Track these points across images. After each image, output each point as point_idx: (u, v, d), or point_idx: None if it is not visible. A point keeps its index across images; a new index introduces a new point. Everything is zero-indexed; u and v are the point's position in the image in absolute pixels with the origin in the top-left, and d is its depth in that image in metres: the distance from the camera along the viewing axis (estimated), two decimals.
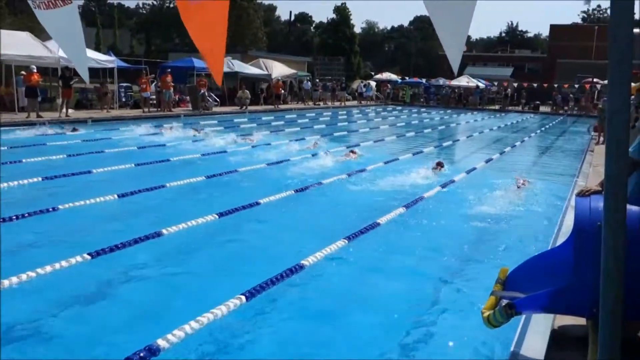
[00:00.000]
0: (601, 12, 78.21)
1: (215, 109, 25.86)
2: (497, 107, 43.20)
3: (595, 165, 11.95)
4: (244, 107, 27.21)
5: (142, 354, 3.47)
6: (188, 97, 26.32)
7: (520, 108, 42.31)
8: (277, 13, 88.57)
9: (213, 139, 15.61)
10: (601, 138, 17.70)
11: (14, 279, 4.59)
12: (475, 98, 43.42)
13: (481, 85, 45.19)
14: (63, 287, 4.92)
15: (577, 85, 41.83)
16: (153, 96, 24.25)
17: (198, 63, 26.99)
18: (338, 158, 12.76)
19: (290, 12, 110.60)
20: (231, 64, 28.44)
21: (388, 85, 45.94)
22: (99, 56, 23.34)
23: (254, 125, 20.60)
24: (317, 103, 35.28)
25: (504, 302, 3.36)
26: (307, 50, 65.91)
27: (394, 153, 14.44)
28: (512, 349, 3.57)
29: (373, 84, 43.66)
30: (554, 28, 61.16)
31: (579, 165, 13.06)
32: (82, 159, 11.36)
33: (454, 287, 5.45)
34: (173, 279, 5.48)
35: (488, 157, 14.52)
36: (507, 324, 3.36)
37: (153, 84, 24.69)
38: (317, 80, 39.56)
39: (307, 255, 5.54)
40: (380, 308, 4.93)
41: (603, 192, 2.15)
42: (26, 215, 6.60)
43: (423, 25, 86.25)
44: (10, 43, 17.76)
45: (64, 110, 19.37)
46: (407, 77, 51.71)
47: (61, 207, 7.05)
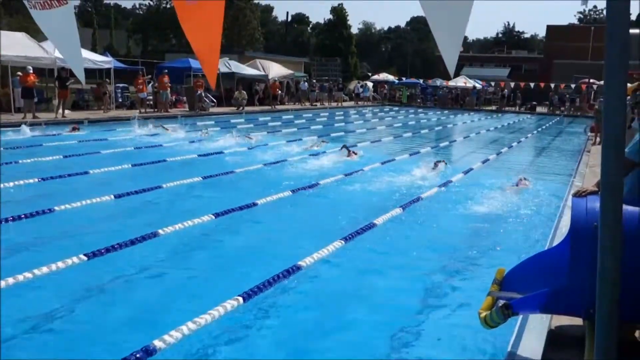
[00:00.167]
0: (597, 13, 78.46)
1: (212, 110, 25.84)
2: (494, 108, 43.28)
3: (591, 165, 11.97)
4: (241, 108, 27.20)
5: (139, 355, 3.47)
6: (185, 98, 26.30)
7: (516, 109, 42.38)
8: (274, 14, 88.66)
9: (210, 140, 15.60)
10: (598, 139, 17.72)
11: (10, 280, 4.58)
12: (472, 99, 43.47)
13: (478, 85, 45.24)
14: (59, 288, 4.91)
15: (574, 85, 41.90)
16: (150, 97, 24.22)
17: (195, 64, 26.93)
18: (336, 158, 12.75)
19: (287, 13, 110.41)
20: (228, 65, 28.44)
21: (385, 85, 45.98)
22: (96, 57, 23.30)
23: (251, 126, 20.59)
24: (314, 104, 35.28)
25: (501, 303, 3.37)
26: (304, 51, 65.99)
27: (392, 153, 14.44)
28: (509, 349, 3.58)
29: (370, 85, 43.67)
30: (551, 29, 61.28)
31: (576, 165, 13.08)
32: (79, 160, 11.34)
33: (451, 288, 5.45)
34: (170, 280, 5.47)
35: (485, 158, 14.53)
36: (504, 325, 3.36)
37: (150, 85, 24.66)
38: (314, 80, 39.55)
39: (305, 256, 5.54)
40: (377, 308, 4.92)
41: (599, 193, 2.15)
42: (22, 216, 6.58)
43: (420, 26, 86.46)
44: (6, 44, 17.68)
45: (61, 111, 19.33)
46: (404, 78, 51.74)
47: (57, 209, 7.03)
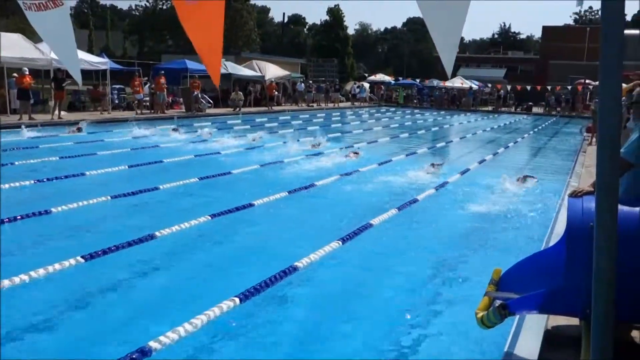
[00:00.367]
0: (593, 14, 78.66)
1: (208, 111, 25.82)
2: (490, 109, 43.35)
3: (587, 165, 11.99)
4: (238, 109, 27.19)
5: (135, 356, 3.47)
6: (181, 99, 26.27)
7: (513, 109, 42.44)
8: (271, 15, 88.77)
9: (207, 141, 15.59)
10: (594, 139, 17.77)
11: (6, 282, 4.57)
12: (468, 99, 43.53)
13: (474, 86, 45.30)
14: (56, 290, 4.89)
15: (570, 86, 42.00)
16: (146, 98, 24.18)
17: (191, 65, 26.91)
18: (334, 159, 12.77)
19: (283, 14, 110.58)
20: (225, 66, 28.40)
21: (382, 86, 46.00)
22: (92, 58, 23.24)
23: (248, 127, 20.57)
24: (311, 104, 35.29)
25: (498, 303, 3.38)
26: (301, 51, 65.98)
27: (389, 154, 14.44)
28: (506, 349, 3.58)
29: (366, 86, 43.68)
30: (547, 29, 61.41)
31: (572, 165, 13.11)
32: (75, 161, 11.33)
33: (447, 288, 5.45)
34: (166, 281, 5.46)
35: (482, 158, 14.55)
36: (501, 325, 3.37)
37: (146, 86, 24.62)
38: (311, 81, 39.54)
39: (301, 256, 5.54)
40: (374, 308, 4.92)
41: (595, 193, 2.16)
42: (19, 217, 6.57)
43: (416, 26, 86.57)
44: (2, 45, 17.65)
45: (57, 112, 19.29)
46: (401, 79, 51.77)
47: (54, 210, 7.02)
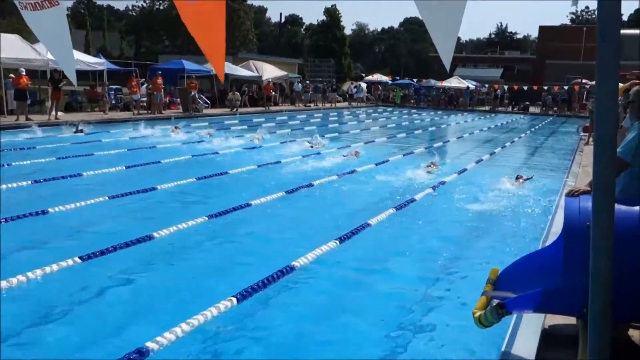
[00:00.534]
0: (589, 14, 78.83)
1: (205, 111, 25.78)
2: (487, 108, 43.40)
3: (584, 165, 12.02)
4: (235, 109, 27.16)
5: (133, 357, 3.46)
6: (178, 99, 26.23)
7: (509, 109, 42.50)
8: (268, 15, 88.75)
9: (204, 141, 15.58)
10: (590, 139, 17.80)
11: (4, 283, 4.56)
12: (465, 99, 43.57)
13: (471, 86, 45.34)
14: (54, 291, 4.88)
15: (567, 86, 42.07)
16: (144, 98, 24.13)
17: (188, 65, 26.89)
18: (331, 159, 12.78)
19: (280, 14, 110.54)
20: None
21: (379, 86, 46.02)
22: (89, 58, 23.20)
23: (245, 127, 20.55)
24: (308, 105, 35.27)
25: (495, 302, 3.38)
26: (298, 52, 65.94)
27: (386, 154, 14.44)
28: (503, 349, 3.59)
29: (364, 86, 43.69)
30: (543, 29, 61.53)
31: (569, 165, 13.14)
32: (72, 162, 11.31)
33: (445, 288, 5.45)
34: (164, 281, 5.45)
35: (479, 158, 14.57)
36: (498, 324, 3.37)
37: (144, 86, 24.58)
38: (308, 82, 39.54)
39: (299, 256, 5.54)
40: (371, 309, 4.92)
41: (592, 193, 2.16)
42: (15, 218, 6.55)
43: (413, 26, 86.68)
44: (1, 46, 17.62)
45: (54, 112, 19.25)
46: (398, 78, 51.79)
47: (51, 210, 7.00)
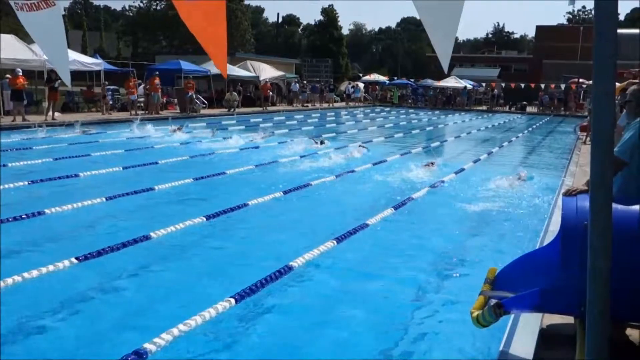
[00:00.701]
0: (586, 13, 79.02)
1: (203, 111, 25.76)
2: (485, 108, 43.44)
3: (582, 164, 12.03)
4: (232, 110, 27.14)
5: (130, 358, 3.45)
6: (176, 100, 26.21)
7: (507, 109, 42.54)
8: (265, 15, 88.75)
9: (202, 141, 15.57)
10: (588, 138, 17.82)
11: (1, 284, 4.54)
12: (462, 99, 43.61)
13: (469, 86, 45.38)
14: (50, 292, 4.87)
15: (564, 85, 42.14)
16: (141, 99, 24.11)
17: (185, 65, 26.87)
18: (330, 159, 12.79)
19: (277, 14, 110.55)
20: None
21: (376, 86, 46.02)
22: (85, 59, 23.16)
23: (243, 127, 20.54)
24: (305, 105, 35.27)
25: (493, 302, 3.38)
26: (295, 52, 65.95)
27: (384, 154, 14.43)
28: (501, 348, 3.58)
29: (361, 86, 43.70)
30: (540, 29, 61.64)
31: (566, 164, 13.15)
32: (70, 162, 11.28)
33: (443, 287, 5.46)
34: (161, 282, 5.44)
35: (476, 157, 14.58)
36: (496, 323, 3.37)
37: (141, 87, 24.56)
38: (305, 82, 39.53)
39: (297, 256, 5.53)
40: (369, 308, 4.92)
41: (589, 192, 2.16)
42: (11, 219, 6.53)
43: (410, 26, 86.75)
44: None
45: (50, 113, 19.21)
46: (395, 78, 51.81)
47: (47, 212, 6.98)
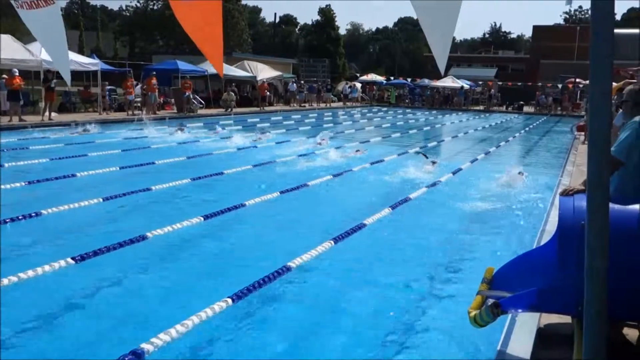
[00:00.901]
0: (583, 13, 79.15)
1: (200, 112, 25.74)
2: (482, 108, 43.50)
3: (579, 164, 12.06)
4: (229, 110, 27.12)
5: (128, 358, 3.44)
6: (173, 100, 26.18)
7: (504, 108, 42.61)
8: (262, 15, 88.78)
9: (200, 141, 15.56)
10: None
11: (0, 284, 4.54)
12: (459, 99, 43.65)
13: (466, 86, 45.43)
14: (47, 292, 4.86)
15: (560, 85, 42.22)
16: (138, 99, 24.07)
17: (182, 65, 26.82)
18: (328, 158, 12.81)
19: (275, 14, 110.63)
20: None
21: (373, 86, 46.04)
22: (82, 59, 23.08)
23: (240, 127, 20.53)
24: (303, 105, 35.27)
25: (490, 302, 3.38)
26: (292, 52, 65.95)
27: (382, 154, 14.43)
28: (499, 348, 3.59)
29: (358, 85, 43.71)
30: (537, 29, 61.78)
31: (563, 164, 13.18)
32: (67, 163, 11.26)
33: (440, 287, 5.46)
34: (158, 282, 5.44)
35: (474, 157, 14.60)
36: (494, 323, 3.37)
37: (137, 87, 24.51)
38: (302, 82, 39.52)
39: (294, 257, 5.53)
40: (367, 308, 4.92)
41: (586, 192, 2.16)
42: (8, 220, 6.51)
43: (407, 26, 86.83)
44: None
45: (47, 113, 19.17)
46: (392, 78, 51.82)
47: (44, 212, 6.96)
